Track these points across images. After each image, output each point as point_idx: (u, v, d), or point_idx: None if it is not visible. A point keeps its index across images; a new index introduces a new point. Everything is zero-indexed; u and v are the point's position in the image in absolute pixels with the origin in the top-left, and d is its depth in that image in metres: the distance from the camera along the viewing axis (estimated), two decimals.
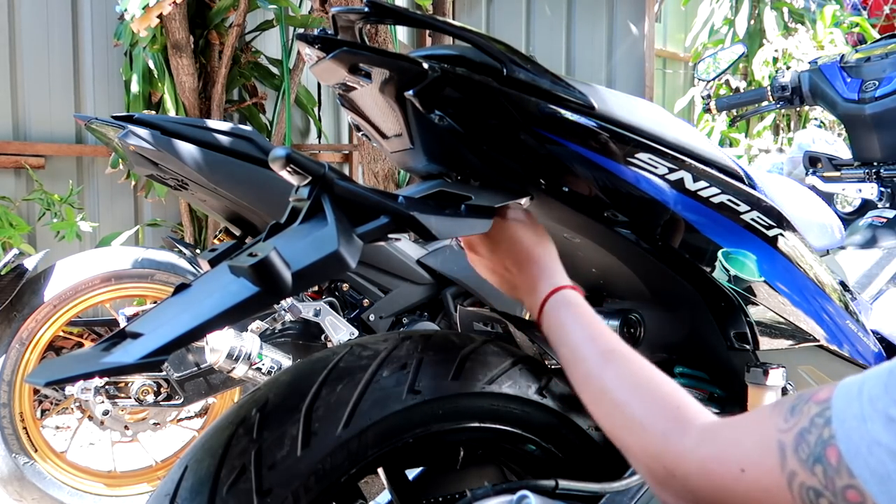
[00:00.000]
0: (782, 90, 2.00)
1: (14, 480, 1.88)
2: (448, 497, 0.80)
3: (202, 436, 0.71)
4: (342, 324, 1.72)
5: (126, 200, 3.51)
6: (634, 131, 0.83)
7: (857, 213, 2.29)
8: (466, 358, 0.79)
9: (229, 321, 0.59)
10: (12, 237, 2.94)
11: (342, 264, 0.61)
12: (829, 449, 0.47)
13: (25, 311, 1.88)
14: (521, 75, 0.76)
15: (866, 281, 1.57)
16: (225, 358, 1.57)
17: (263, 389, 0.74)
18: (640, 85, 5.11)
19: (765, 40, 5.13)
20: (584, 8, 5.03)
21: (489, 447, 0.87)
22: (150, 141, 1.48)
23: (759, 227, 0.93)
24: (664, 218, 0.86)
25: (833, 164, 1.89)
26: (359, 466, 0.71)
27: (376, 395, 0.72)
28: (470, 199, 0.74)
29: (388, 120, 0.81)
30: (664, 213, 0.86)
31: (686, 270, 0.92)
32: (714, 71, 2.06)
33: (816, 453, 0.47)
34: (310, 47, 0.74)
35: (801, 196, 1.34)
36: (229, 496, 0.65)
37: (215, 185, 1.54)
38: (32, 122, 3.28)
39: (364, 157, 3.09)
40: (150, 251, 2.06)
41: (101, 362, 0.57)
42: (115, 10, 2.92)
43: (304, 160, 0.64)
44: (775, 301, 0.97)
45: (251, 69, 3.55)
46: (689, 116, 5.60)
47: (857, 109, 1.79)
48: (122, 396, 1.90)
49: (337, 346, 0.80)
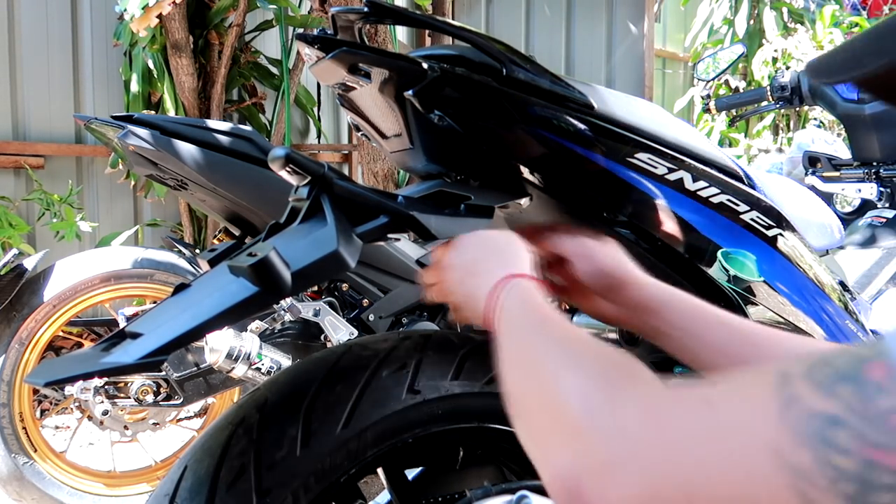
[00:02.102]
0: (782, 90, 2.00)
1: (13, 480, 1.88)
2: (448, 497, 0.80)
3: (201, 436, 0.71)
4: (342, 324, 1.72)
5: (125, 200, 3.51)
6: (634, 131, 0.83)
7: (857, 213, 2.29)
8: (466, 358, 0.79)
9: (229, 321, 0.59)
10: (12, 237, 2.94)
11: (342, 264, 0.61)
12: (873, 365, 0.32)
13: (25, 311, 1.88)
14: (520, 75, 0.76)
15: (866, 281, 1.57)
16: (224, 358, 1.57)
17: (263, 389, 0.74)
18: (639, 85, 5.11)
19: (764, 40, 5.14)
20: (584, 8, 5.03)
21: (489, 447, 0.87)
22: (149, 141, 1.48)
23: (758, 227, 0.93)
24: (664, 218, 0.86)
25: (832, 164, 1.89)
26: (358, 466, 0.71)
27: (376, 395, 0.72)
28: (469, 198, 0.74)
29: (388, 120, 0.81)
30: (664, 213, 0.86)
31: (686, 270, 0.92)
32: (713, 71, 2.06)
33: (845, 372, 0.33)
34: (309, 47, 0.74)
35: (800, 196, 1.34)
36: (229, 496, 0.65)
37: (215, 185, 1.54)
38: (32, 122, 3.28)
39: (363, 157, 3.09)
40: (149, 251, 2.06)
41: (101, 362, 0.57)
42: (114, 9, 2.92)
43: (303, 160, 0.64)
44: (775, 301, 0.97)
45: (251, 69, 3.54)
46: (689, 116, 5.60)
47: (857, 109, 1.79)
48: (122, 396, 1.90)
49: (336, 346, 0.80)
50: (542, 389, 0.49)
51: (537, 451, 0.47)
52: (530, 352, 0.54)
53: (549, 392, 0.48)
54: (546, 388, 0.48)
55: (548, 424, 0.46)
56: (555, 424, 0.45)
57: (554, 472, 0.43)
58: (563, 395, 0.46)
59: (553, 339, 0.53)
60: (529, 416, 0.50)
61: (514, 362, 0.56)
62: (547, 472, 0.44)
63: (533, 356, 0.53)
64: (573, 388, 0.45)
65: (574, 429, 0.43)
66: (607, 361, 0.47)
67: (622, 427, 0.40)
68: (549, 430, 0.46)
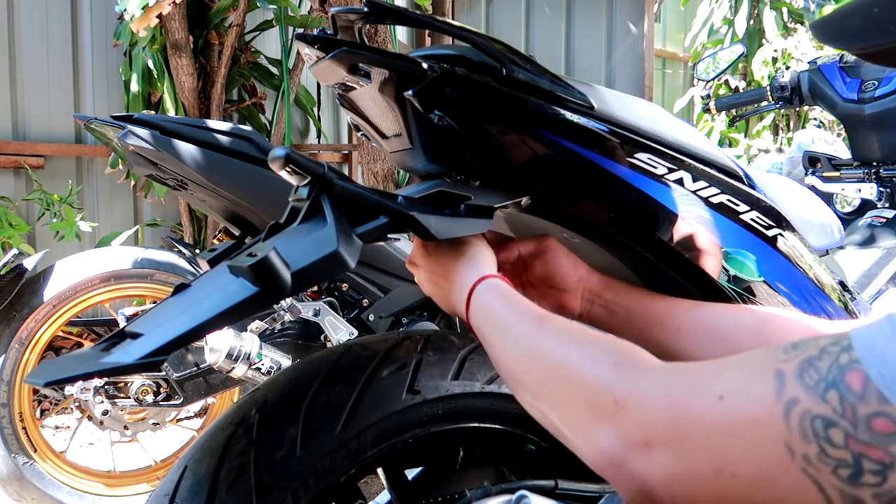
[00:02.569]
0: (782, 90, 2.00)
1: (13, 480, 1.88)
2: (447, 497, 0.80)
3: (201, 436, 0.71)
4: (341, 324, 1.72)
5: (125, 200, 3.51)
6: (634, 131, 0.83)
7: (857, 213, 2.29)
8: (466, 358, 0.79)
9: (229, 321, 0.59)
10: (12, 237, 2.94)
11: (341, 264, 0.61)
12: (851, 374, 0.41)
13: (25, 311, 1.88)
14: (520, 75, 0.76)
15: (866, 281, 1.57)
16: (224, 358, 1.57)
17: (263, 389, 0.74)
18: (639, 85, 5.11)
19: (764, 40, 5.14)
20: (584, 8, 5.04)
21: (489, 447, 0.87)
22: (149, 141, 1.48)
23: (758, 227, 0.93)
24: (663, 218, 0.86)
25: (832, 164, 1.89)
26: (358, 466, 0.71)
27: (375, 395, 0.72)
28: (469, 199, 0.74)
29: (388, 120, 0.81)
30: (664, 212, 0.86)
31: (685, 270, 0.92)
32: (713, 71, 2.06)
33: (830, 379, 0.41)
34: (309, 47, 0.74)
35: (800, 196, 1.34)
36: (229, 496, 0.65)
37: (215, 185, 1.54)
38: (32, 122, 3.28)
39: (363, 157, 3.09)
40: (149, 251, 2.06)
41: (101, 362, 0.57)
42: (114, 9, 2.92)
43: (303, 160, 0.64)
44: (775, 301, 0.97)
45: (251, 69, 3.55)
46: (689, 116, 5.60)
47: (857, 109, 1.79)
48: (122, 396, 1.90)
49: (336, 346, 0.80)
50: (569, 379, 0.54)
51: (575, 435, 0.53)
52: (539, 346, 0.59)
53: (575, 381, 0.54)
54: (572, 377, 0.54)
55: (582, 411, 0.52)
56: (589, 410, 0.51)
57: (597, 450, 0.50)
58: (591, 383, 0.52)
59: (557, 331, 0.59)
60: (559, 406, 0.55)
61: (523, 357, 0.60)
62: (590, 451, 0.51)
63: (544, 350, 0.58)
64: (599, 377, 0.52)
65: (609, 413, 0.50)
66: (616, 348, 0.54)
67: (652, 413, 0.47)
68: (584, 415, 0.52)
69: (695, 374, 0.47)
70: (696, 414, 0.45)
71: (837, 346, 0.42)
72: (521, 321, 0.62)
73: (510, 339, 0.62)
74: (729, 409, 0.44)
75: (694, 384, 0.47)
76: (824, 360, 0.42)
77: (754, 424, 0.43)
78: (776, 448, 0.42)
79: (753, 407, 0.43)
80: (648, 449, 0.47)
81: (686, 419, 0.45)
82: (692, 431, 0.45)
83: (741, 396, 0.44)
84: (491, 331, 0.65)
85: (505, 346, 0.63)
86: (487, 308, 0.66)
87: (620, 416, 0.49)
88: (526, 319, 0.62)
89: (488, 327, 0.65)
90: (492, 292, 0.67)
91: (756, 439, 0.43)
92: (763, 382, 0.43)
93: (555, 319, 0.61)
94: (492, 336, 0.65)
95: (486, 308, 0.67)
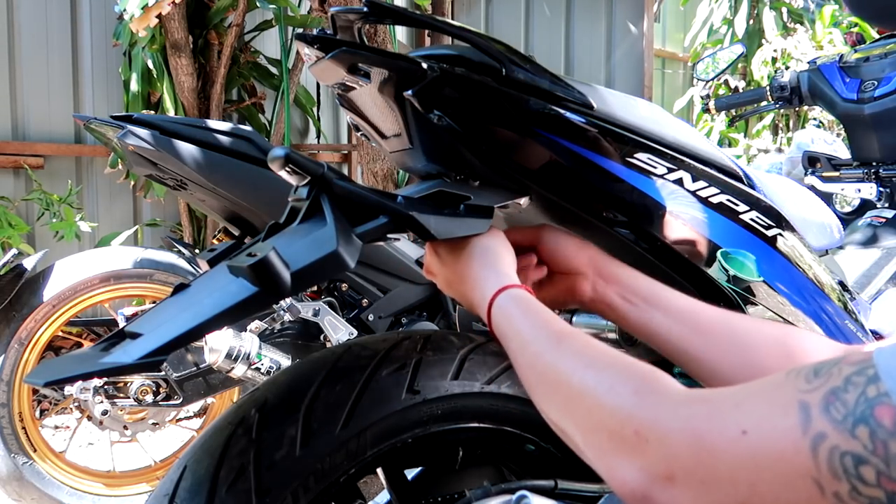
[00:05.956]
0: (781, 90, 2.00)
1: (13, 480, 1.88)
2: (447, 497, 0.80)
3: (201, 436, 0.71)
4: (341, 324, 1.72)
5: (125, 200, 3.51)
6: (633, 131, 0.83)
7: (856, 213, 2.29)
8: (465, 358, 0.79)
9: (228, 321, 0.59)
10: (11, 237, 2.94)
11: (341, 264, 0.61)
12: (881, 408, 0.40)
13: (24, 311, 1.88)
14: (520, 75, 0.76)
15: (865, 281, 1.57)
16: (224, 358, 1.57)
17: (262, 389, 0.73)
18: (639, 85, 5.11)
19: (764, 40, 5.14)
20: (583, 8, 5.04)
21: (488, 447, 0.87)
22: (149, 141, 1.48)
23: (758, 226, 0.93)
24: (663, 218, 0.86)
25: (832, 163, 1.89)
26: (358, 466, 0.71)
27: (375, 394, 0.72)
28: (469, 198, 0.74)
29: (387, 120, 0.81)
30: (663, 212, 0.86)
31: (685, 270, 0.92)
32: (713, 71, 2.06)
33: (859, 413, 0.40)
34: (309, 47, 0.74)
35: (800, 196, 1.34)
36: (228, 496, 0.65)
37: (214, 185, 1.54)
38: (31, 122, 3.28)
39: (363, 156, 3.09)
40: (149, 251, 2.06)
41: (100, 362, 0.57)
42: (114, 9, 2.92)
43: (302, 160, 0.64)
44: (774, 301, 0.97)
45: (250, 69, 3.54)
46: (688, 116, 5.60)
47: (856, 109, 1.79)
48: (121, 396, 1.90)
49: (336, 345, 0.80)
50: (589, 408, 0.54)
51: (598, 462, 0.53)
52: (559, 367, 0.59)
53: (595, 410, 0.53)
54: (593, 407, 0.54)
55: (603, 440, 0.52)
56: (610, 440, 0.51)
57: (621, 482, 0.50)
58: (611, 412, 0.52)
59: (575, 353, 0.59)
60: (581, 431, 0.56)
61: (543, 379, 0.61)
62: (613, 481, 0.51)
63: (564, 372, 0.58)
64: (620, 406, 0.51)
65: (631, 445, 0.49)
66: (635, 373, 0.53)
67: (675, 446, 0.47)
68: (606, 445, 0.52)
69: (716, 405, 0.47)
70: (720, 447, 0.45)
71: (863, 375, 0.41)
72: (539, 338, 0.63)
73: (529, 356, 0.63)
74: (754, 442, 0.43)
75: (716, 415, 0.46)
76: (850, 391, 0.41)
77: (780, 459, 0.42)
78: (805, 484, 0.41)
79: (779, 441, 0.42)
80: (672, 484, 0.46)
81: (710, 453, 0.45)
82: (717, 465, 0.44)
83: (765, 429, 0.43)
84: (512, 345, 0.66)
85: (526, 360, 0.64)
86: (508, 321, 0.67)
87: (642, 448, 0.48)
88: (544, 336, 0.62)
89: (509, 342, 0.67)
90: (511, 305, 0.68)
91: (783, 474, 0.42)
92: (787, 415, 0.43)
93: (574, 338, 0.61)
94: (514, 350, 0.66)
95: (506, 321, 0.67)
